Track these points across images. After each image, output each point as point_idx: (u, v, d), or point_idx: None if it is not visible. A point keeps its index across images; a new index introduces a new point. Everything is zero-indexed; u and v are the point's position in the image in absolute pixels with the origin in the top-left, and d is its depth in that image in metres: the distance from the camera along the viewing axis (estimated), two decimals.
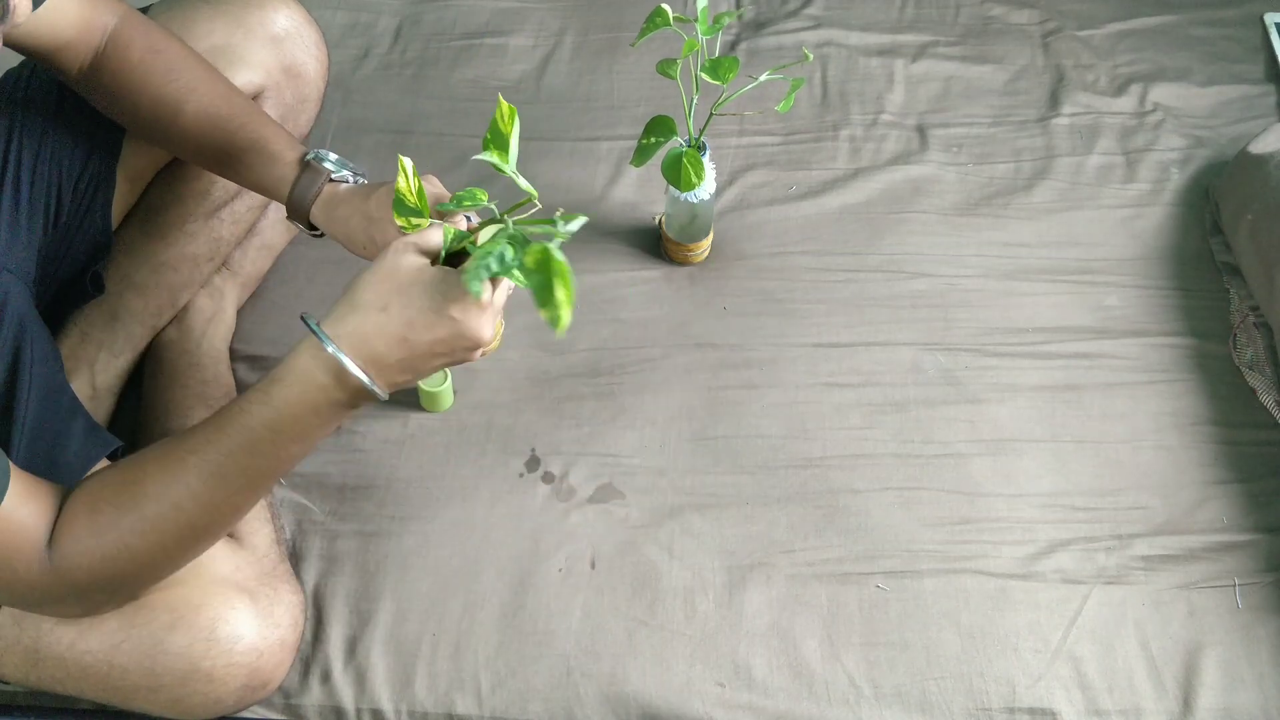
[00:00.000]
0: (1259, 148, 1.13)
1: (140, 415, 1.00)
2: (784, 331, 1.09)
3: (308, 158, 0.84)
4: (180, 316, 1.04)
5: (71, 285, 0.94)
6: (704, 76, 0.93)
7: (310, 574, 0.92)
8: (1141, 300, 1.11)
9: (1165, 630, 0.89)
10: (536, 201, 0.70)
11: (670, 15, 0.92)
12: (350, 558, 0.94)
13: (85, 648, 0.76)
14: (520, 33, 1.38)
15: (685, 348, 1.07)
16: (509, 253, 0.63)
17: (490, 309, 0.68)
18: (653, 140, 0.97)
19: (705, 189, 1.03)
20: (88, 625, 0.76)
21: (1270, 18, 1.38)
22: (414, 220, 0.71)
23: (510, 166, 0.70)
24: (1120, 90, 1.30)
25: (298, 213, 0.84)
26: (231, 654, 0.77)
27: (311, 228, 0.86)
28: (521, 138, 1.24)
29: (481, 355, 0.72)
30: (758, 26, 1.38)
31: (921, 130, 1.26)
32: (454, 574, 0.93)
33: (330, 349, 0.65)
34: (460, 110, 1.29)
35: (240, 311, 1.10)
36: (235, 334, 1.09)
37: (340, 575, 0.93)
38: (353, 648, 0.89)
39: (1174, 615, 0.90)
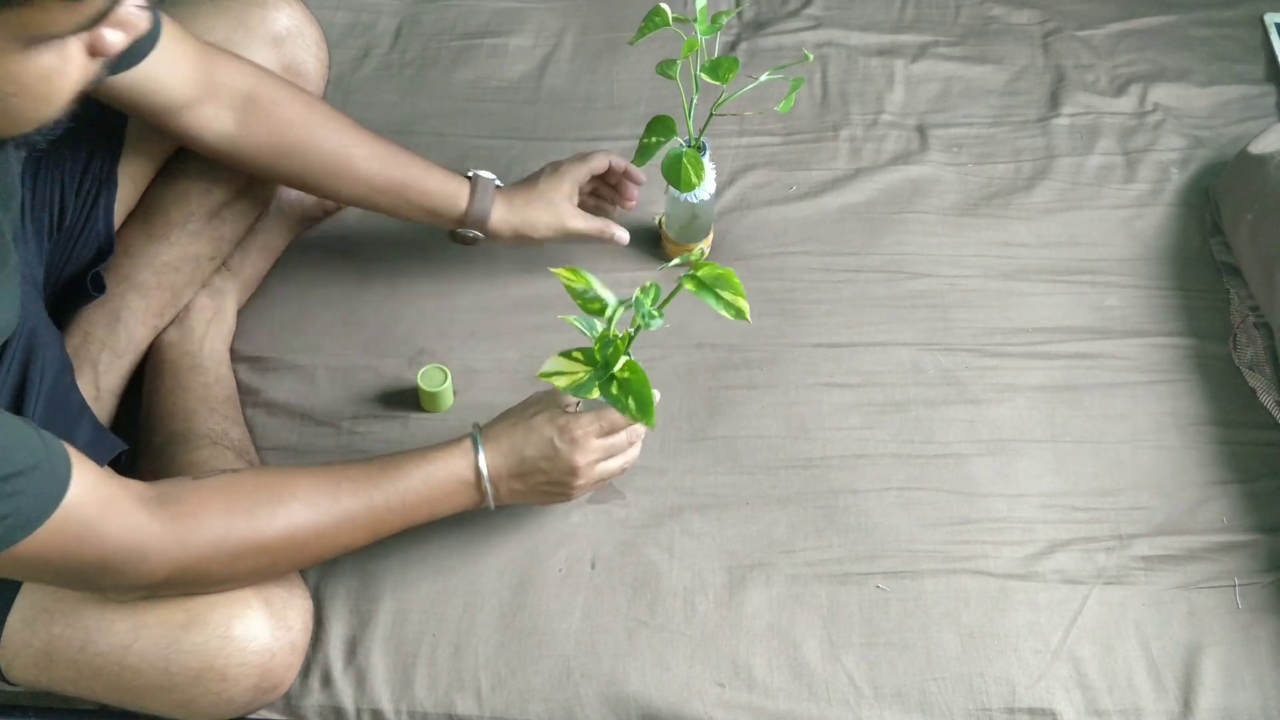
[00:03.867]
0: (1259, 148, 1.13)
1: (141, 416, 1.00)
2: (784, 331, 1.08)
3: (468, 174, 0.99)
4: (181, 317, 1.04)
5: (73, 286, 0.94)
6: (704, 77, 0.92)
7: (310, 574, 0.92)
8: (1141, 300, 1.11)
9: (1165, 630, 0.89)
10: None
11: (669, 15, 0.92)
12: (350, 558, 0.93)
13: (96, 650, 0.76)
14: (520, 33, 1.38)
15: (685, 348, 1.07)
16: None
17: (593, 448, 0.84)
18: (653, 140, 0.97)
19: (705, 189, 1.03)
20: (96, 628, 0.76)
21: (1270, 18, 1.38)
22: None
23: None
24: (1120, 90, 1.30)
25: (477, 221, 0.99)
26: (245, 653, 0.77)
27: (466, 234, 1.01)
28: (521, 138, 1.26)
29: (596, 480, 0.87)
30: (758, 26, 1.38)
31: (921, 130, 1.26)
32: (454, 574, 0.93)
33: (484, 474, 0.82)
34: (460, 110, 1.29)
35: (240, 312, 1.10)
36: (236, 334, 1.09)
37: (340, 575, 0.93)
38: (353, 648, 0.89)
39: (1174, 615, 0.90)
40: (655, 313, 0.74)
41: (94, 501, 0.66)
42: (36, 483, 0.62)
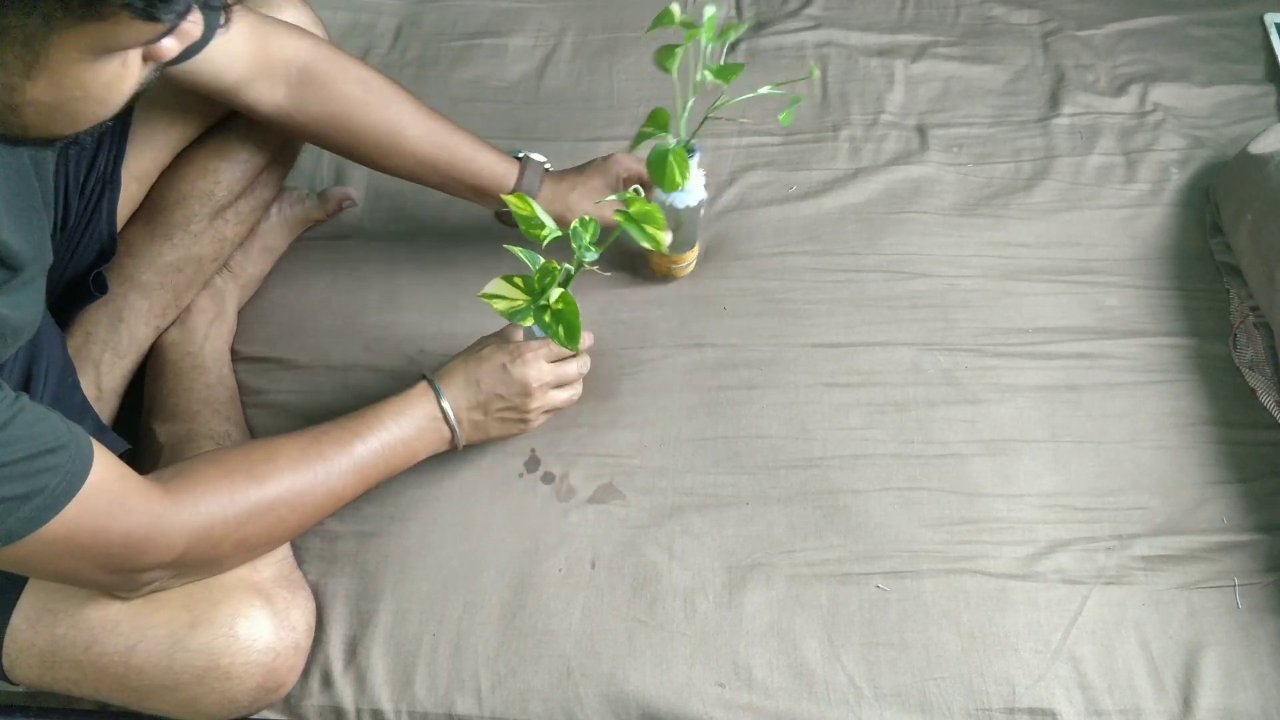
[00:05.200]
0: (1259, 148, 1.12)
1: (142, 417, 1.00)
2: (784, 331, 1.09)
3: (517, 155, 1.01)
4: (183, 318, 1.04)
5: (75, 286, 0.94)
6: (708, 75, 0.92)
7: (310, 574, 0.93)
8: (1141, 300, 1.11)
9: (1165, 630, 0.89)
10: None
11: (678, 16, 0.91)
12: (350, 558, 0.94)
13: (101, 650, 0.76)
14: (520, 33, 1.39)
15: (685, 348, 1.07)
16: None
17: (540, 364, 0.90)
18: (649, 129, 0.96)
19: (692, 195, 1.00)
20: (101, 628, 0.76)
21: (1270, 18, 1.38)
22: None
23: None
24: (1120, 90, 1.30)
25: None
26: (250, 651, 0.77)
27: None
28: (521, 138, 1.26)
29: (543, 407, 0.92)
30: (758, 26, 1.38)
31: (921, 130, 1.26)
32: (454, 574, 0.93)
33: (449, 412, 0.87)
34: (460, 110, 1.29)
35: (241, 313, 1.10)
36: (236, 335, 1.09)
37: (340, 576, 0.93)
38: (353, 648, 0.89)
39: (1174, 615, 0.90)
40: (591, 248, 0.79)
41: (114, 478, 0.68)
42: (65, 460, 0.64)
